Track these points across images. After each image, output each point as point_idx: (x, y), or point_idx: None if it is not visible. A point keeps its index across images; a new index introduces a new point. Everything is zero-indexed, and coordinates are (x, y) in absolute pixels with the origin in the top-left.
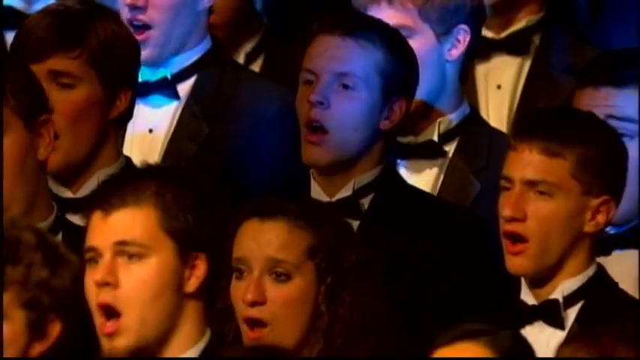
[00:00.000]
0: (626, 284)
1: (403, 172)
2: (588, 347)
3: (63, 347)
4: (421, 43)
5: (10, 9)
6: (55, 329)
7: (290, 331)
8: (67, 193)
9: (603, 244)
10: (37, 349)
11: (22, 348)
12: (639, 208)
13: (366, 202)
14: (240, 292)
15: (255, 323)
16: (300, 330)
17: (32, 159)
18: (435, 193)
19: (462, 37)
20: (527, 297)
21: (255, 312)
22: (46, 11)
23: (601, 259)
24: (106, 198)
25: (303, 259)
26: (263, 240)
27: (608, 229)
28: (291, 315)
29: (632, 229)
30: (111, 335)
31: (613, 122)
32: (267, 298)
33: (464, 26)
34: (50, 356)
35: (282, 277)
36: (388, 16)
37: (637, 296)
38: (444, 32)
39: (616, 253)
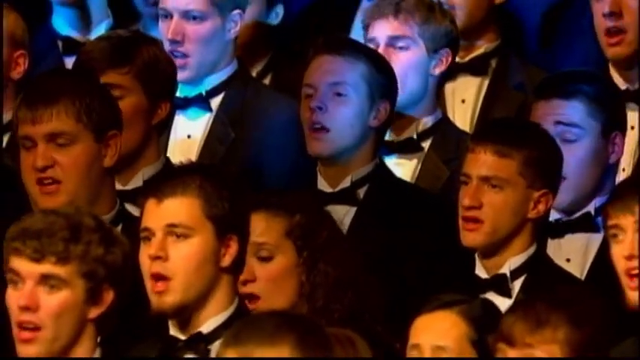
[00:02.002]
0: (576, 262)
1: (389, 163)
2: (525, 313)
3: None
4: (415, 53)
5: (70, 39)
6: (109, 297)
7: (279, 301)
8: (117, 186)
9: (557, 230)
10: (94, 312)
11: (82, 311)
12: (585, 198)
13: (362, 192)
14: None
15: (250, 297)
16: (287, 299)
17: (98, 166)
18: (415, 179)
19: (445, 57)
20: (480, 272)
21: (248, 288)
22: (101, 38)
23: (555, 242)
24: (160, 188)
25: (282, 240)
26: None
27: (561, 216)
28: (278, 287)
29: (581, 217)
30: (160, 293)
31: (561, 127)
32: (256, 276)
33: (448, 49)
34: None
35: (266, 258)
36: (394, 26)
37: (585, 271)
38: (433, 50)
39: (568, 237)
